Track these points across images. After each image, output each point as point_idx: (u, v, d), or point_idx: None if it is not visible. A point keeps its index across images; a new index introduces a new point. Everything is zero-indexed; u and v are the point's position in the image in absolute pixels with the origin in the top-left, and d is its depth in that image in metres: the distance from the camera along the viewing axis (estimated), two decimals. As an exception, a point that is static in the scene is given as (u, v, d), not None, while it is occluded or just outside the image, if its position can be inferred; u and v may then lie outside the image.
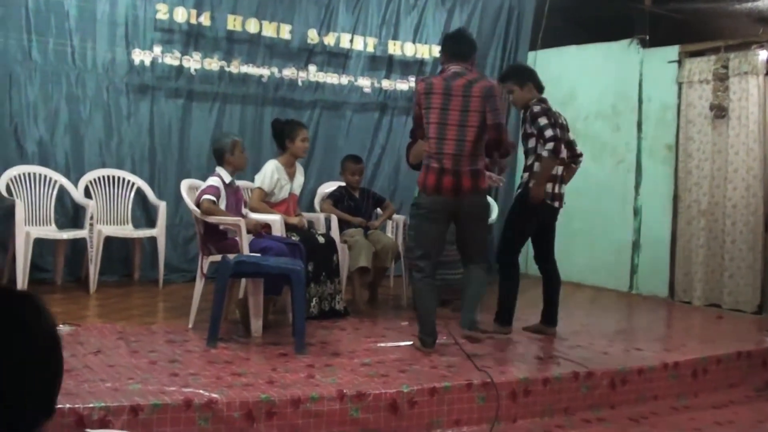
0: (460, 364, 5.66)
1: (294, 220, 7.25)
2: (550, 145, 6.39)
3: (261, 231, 6.61)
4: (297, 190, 7.57)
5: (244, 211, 6.93)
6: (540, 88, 6.82)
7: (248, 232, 6.48)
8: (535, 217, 6.72)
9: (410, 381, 5.16)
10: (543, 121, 6.48)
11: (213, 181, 6.62)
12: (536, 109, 6.57)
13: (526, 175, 6.69)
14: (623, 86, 9.71)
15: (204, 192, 6.54)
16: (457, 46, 6.18)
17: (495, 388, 5.25)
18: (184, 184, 7.03)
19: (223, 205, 6.56)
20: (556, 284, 6.98)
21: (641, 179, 9.55)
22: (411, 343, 6.22)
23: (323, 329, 6.63)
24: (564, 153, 6.67)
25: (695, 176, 8.93)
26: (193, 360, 5.47)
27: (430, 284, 6.08)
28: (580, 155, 7.04)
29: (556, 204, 6.77)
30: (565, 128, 6.84)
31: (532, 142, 6.63)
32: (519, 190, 6.79)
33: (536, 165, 6.56)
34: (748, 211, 8.51)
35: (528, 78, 6.82)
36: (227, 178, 6.72)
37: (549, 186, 6.63)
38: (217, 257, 6.38)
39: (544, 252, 6.98)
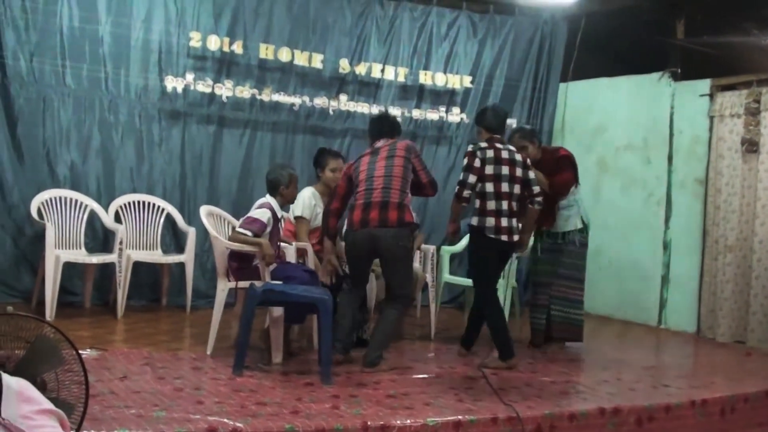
0: (486, 398, 5.63)
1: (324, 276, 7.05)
2: (457, 189, 6.64)
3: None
4: (330, 219, 7.56)
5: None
6: (490, 129, 6.84)
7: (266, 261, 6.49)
8: (489, 250, 6.71)
9: (435, 414, 5.13)
10: (464, 162, 6.69)
11: (263, 214, 6.53)
12: (468, 149, 6.79)
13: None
14: (654, 119, 9.67)
15: (248, 225, 6.49)
16: (380, 125, 6.79)
17: (521, 423, 5.21)
18: (203, 211, 7.04)
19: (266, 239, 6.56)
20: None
21: (671, 213, 9.47)
22: (436, 375, 6.25)
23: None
24: (511, 189, 6.67)
25: (723, 211, 8.83)
26: (218, 388, 5.47)
27: (352, 298, 6.60)
28: (536, 195, 6.82)
29: (504, 238, 6.63)
30: (513, 163, 6.72)
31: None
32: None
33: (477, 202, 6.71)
34: (774, 248, 8.43)
35: (478, 122, 7.03)
36: (279, 212, 6.72)
37: (492, 220, 6.59)
38: (244, 284, 6.41)
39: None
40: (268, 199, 6.72)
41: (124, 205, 8.33)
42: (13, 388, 2.40)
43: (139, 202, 8.43)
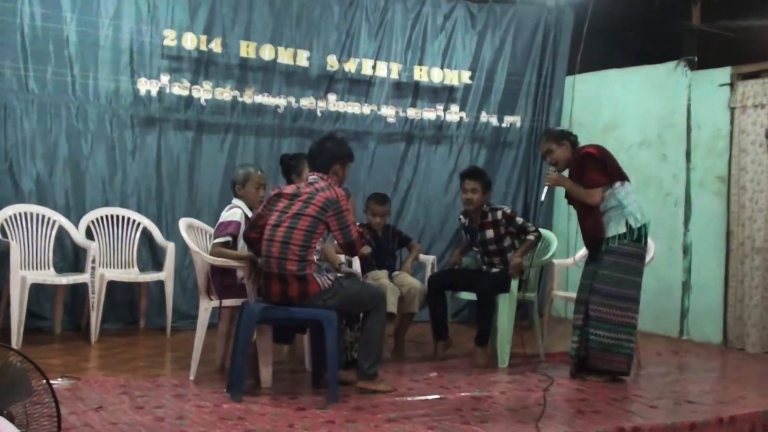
0: (493, 419, 5.61)
1: None
2: None
3: None
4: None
5: None
6: None
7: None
8: None
9: (439, 439, 5.13)
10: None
11: (234, 215, 6.65)
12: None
13: None
14: (670, 113, 9.66)
15: (222, 231, 6.56)
16: (312, 157, 6.38)
17: (533, 446, 5.21)
18: (183, 224, 7.02)
19: (242, 243, 6.56)
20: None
21: (691, 214, 9.46)
22: (440, 396, 6.23)
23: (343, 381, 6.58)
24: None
25: (749, 210, 8.80)
26: (203, 416, 5.44)
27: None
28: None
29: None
30: None
31: None
32: None
33: None
34: (805, 249, 8.42)
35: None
36: (248, 212, 6.76)
37: None
38: (229, 302, 6.40)
39: None
40: (234, 201, 6.84)
41: (96, 219, 8.32)
42: None
43: (112, 217, 8.42)
